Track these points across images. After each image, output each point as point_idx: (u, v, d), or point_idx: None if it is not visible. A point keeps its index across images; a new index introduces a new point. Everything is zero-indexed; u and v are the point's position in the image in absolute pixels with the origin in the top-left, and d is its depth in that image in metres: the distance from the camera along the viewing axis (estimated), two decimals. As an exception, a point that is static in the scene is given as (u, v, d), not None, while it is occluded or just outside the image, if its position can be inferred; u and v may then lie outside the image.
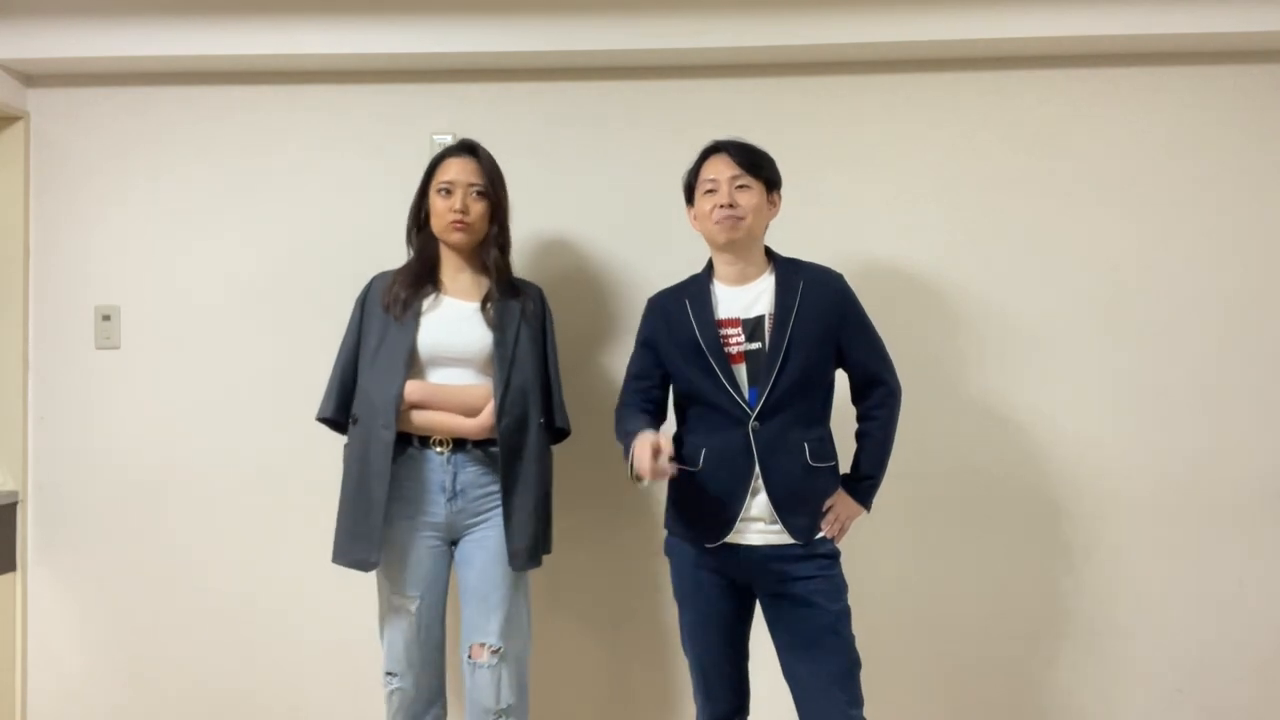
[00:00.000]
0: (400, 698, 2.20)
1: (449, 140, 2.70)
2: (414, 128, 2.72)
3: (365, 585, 2.56)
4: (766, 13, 2.54)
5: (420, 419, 2.19)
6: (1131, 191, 2.63)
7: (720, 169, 2.08)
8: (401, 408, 2.17)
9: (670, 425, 2.18)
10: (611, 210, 2.70)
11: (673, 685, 2.66)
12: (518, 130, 2.66)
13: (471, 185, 2.23)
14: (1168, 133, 2.64)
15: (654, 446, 1.90)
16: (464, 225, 2.21)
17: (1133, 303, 2.63)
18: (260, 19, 2.59)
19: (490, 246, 2.28)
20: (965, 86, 2.66)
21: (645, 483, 1.91)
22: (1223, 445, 2.60)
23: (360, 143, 2.74)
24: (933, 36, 2.53)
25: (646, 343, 2.20)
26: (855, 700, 2.01)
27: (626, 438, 2.02)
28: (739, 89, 2.68)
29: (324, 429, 2.31)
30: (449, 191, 2.22)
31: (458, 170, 2.24)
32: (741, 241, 2.07)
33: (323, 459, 2.63)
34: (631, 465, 1.92)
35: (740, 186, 2.06)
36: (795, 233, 2.30)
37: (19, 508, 2.76)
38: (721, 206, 2.05)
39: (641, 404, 2.15)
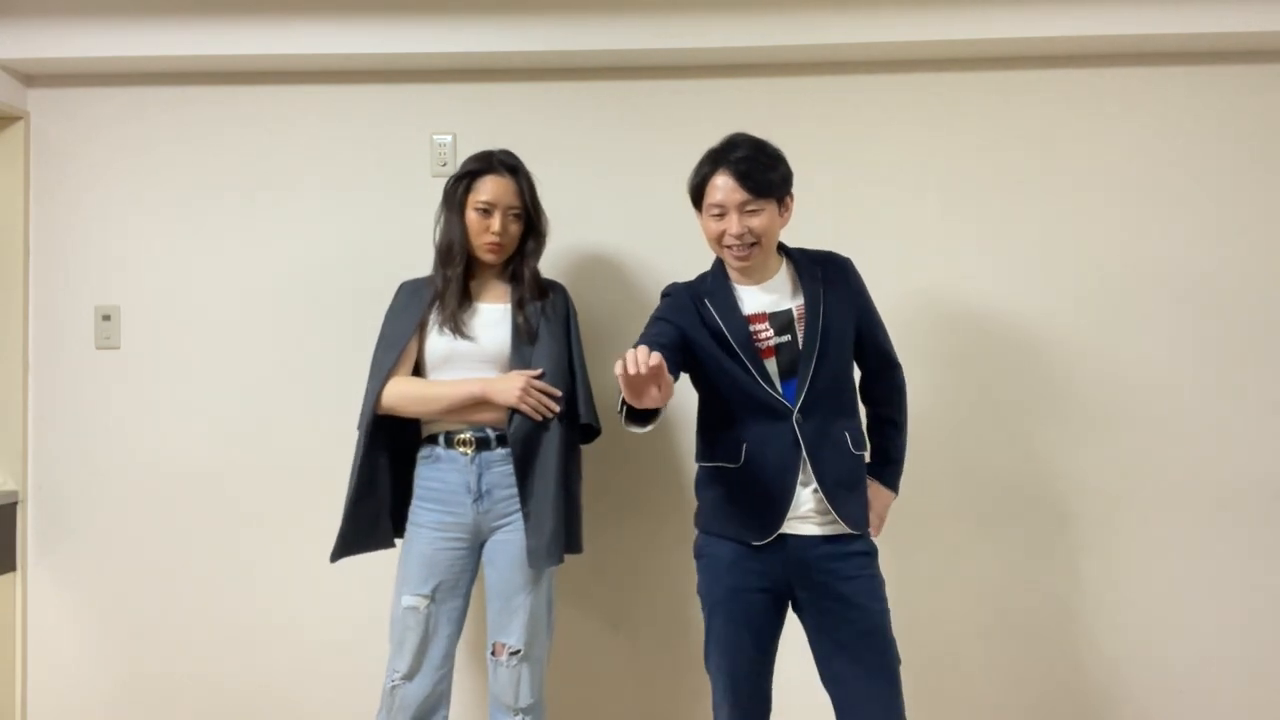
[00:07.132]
0: (402, 696, 2.18)
1: (449, 141, 2.71)
2: (414, 128, 2.72)
3: (365, 586, 2.56)
4: (767, 13, 2.54)
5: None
6: (1131, 191, 2.63)
7: (726, 194, 1.96)
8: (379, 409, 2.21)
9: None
10: (611, 210, 2.70)
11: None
12: (518, 130, 2.65)
13: (510, 208, 2.24)
14: (1167, 132, 2.63)
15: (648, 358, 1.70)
16: (499, 248, 2.23)
17: (1131, 302, 2.62)
18: (260, 19, 2.59)
19: (522, 260, 2.29)
20: (965, 86, 2.66)
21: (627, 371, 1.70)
22: (1223, 445, 2.60)
23: (360, 143, 2.73)
24: (933, 36, 2.53)
25: (668, 319, 2.04)
26: (898, 694, 1.95)
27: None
28: (739, 89, 2.68)
29: (321, 430, 2.30)
30: (487, 212, 2.22)
31: (498, 191, 2.23)
32: (757, 261, 2.03)
33: (322, 459, 2.64)
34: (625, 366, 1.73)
35: (749, 211, 1.97)
36: (791, 232, 2.27)
37: (19, 508, 2.76)
38: (731, 234, 1.97)
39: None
